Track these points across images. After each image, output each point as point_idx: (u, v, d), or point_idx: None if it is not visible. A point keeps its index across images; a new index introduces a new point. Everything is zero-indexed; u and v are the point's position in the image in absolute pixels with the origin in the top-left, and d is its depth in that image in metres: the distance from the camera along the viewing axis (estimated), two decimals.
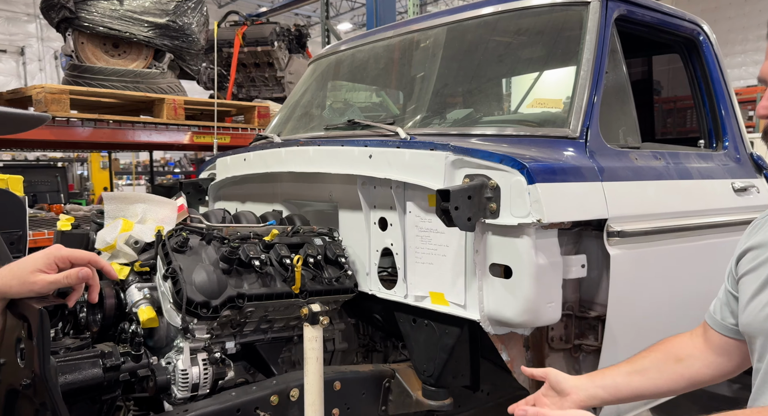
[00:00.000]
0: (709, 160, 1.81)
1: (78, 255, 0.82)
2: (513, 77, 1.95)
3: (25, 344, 0.77)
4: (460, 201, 1.32)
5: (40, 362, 0.71)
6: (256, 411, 1.34)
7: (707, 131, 1.90)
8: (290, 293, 1.54)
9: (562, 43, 1.66)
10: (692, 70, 1.90)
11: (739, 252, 0.97)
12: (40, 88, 2.37)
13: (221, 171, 2.31)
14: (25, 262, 0.77)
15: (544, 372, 1.08)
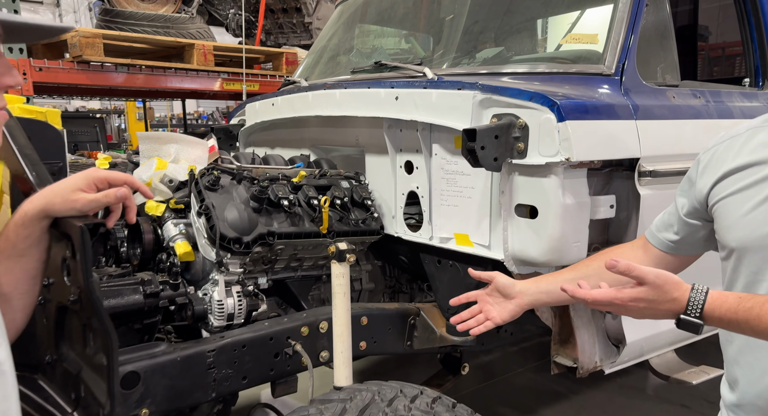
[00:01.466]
0: (754, 99, 1.71)
1: (115, 176, 0.86)
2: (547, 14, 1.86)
3: (69, 262, 0.84)
4: (486, 141, 1.31)
5: (84, 275, 0.77)
6: (288, 340, 1.42)
7: (754, 69, 1.79)
8: (318, 233, 1.58)
9: None
10: (742, 5, 1.76)
11: (714, 179, 1.00)
12: (74, 32, 2.41)
13: (251, 117, 2.34)
14: (66, 182, 0.82)
15: (490, 275, 1.19)
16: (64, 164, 1.08)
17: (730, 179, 0.97)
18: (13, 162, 0.88)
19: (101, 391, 0.82)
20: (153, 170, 1.45)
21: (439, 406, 1.14)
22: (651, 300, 0.88)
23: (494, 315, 1.18)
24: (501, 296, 1.19)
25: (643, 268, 0.88)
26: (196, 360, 1.24)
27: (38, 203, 0.80)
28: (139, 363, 1.16)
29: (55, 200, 0.80)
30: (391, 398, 1.14)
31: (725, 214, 0.98)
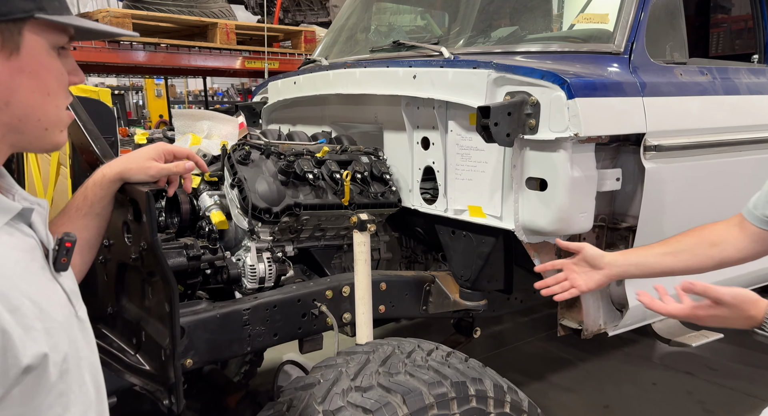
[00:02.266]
0: (761, 75, 1.75)
1: (180, 150, 0.99)
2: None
3: (131, 225, 0.96)
4: (499, 117, 1.39)
5: (150, 234, 0.89)
6: (314, 302, 1.55)
7: (763, 46, 1.82)
8: (340, 205, 1.69)
9: None
10: None
11: None
12: (105, 12, 2.51)
13: (273, 94, 2.43)
14: (140, 152, 0.95)
15: (579, 245, 1.18)
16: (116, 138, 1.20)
17: None
18: (79, 136, 1.00)
19: (162, 335, 0.95)
20: (188, 145, 1.57)
21: (453, 359, 1.27)
22: (727, 318, 0.90)
23: (580, 283, 1.19)
24: (588, 266, 1.19)
25: (720, 290, 0.89)
26: (234, 317, 1.38)
27: (116, 167, 0.92)
28: (183, 319, 1.29)
29: (131, 166, 0.92)
30: (410, 351, 1.27)
31: None
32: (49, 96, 0.67)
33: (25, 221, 0.65)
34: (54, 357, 0.61)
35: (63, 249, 0.68)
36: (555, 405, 2.58)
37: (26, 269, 0.62)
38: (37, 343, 0.59)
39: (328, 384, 1.14)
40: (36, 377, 0.59)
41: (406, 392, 1.10)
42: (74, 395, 0.65)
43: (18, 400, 0.57)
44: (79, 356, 0.67)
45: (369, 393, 1.11)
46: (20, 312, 0.58)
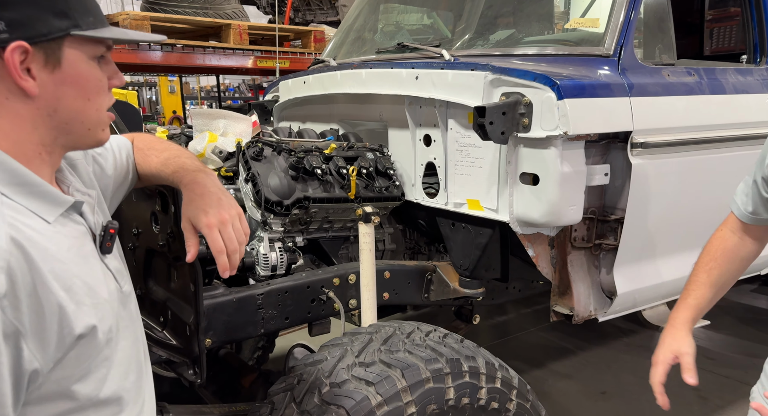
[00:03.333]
0: (748, 75, 1.83)
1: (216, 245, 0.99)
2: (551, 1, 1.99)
3: (158, 215, 1.07)
4: (494, 117, 1.49)
5: (176, 223, 1.00)
6: (322, 289, 1.66)
7: (752, 46, 1.89)
8: (347, 198, 1.81)
9: None
10: None
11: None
12: (125, 14, 2.65)
13: (284, 93, 2.55)
14: (199, 206, 0.99)
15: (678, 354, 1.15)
16: None
17: None
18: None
19: (187, 314, 1.07)
20: (206, 142, 1.69)
21: (449, 339, 1.38)
22: None
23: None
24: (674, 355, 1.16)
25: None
26: (248, 301, 1.50)
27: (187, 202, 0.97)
28: (204, 302, 1.41)
29: (191, 208, 0.95)
30: (410, 332, 1.38)
31: None
32: (89, 101, 0.76)
33: (77, 211, 0.77)
34: (101, 326, 0.73)
35: (107, 235, 0.80)
36: (554, 391, 2.69)
37: (78, 253, 0.74)
38: (87, 316, 0.70)
39: (335, 360, 1.26)
40: (86, 343, 0.71)
41: (405, 367, 1.22)
42: (117, 358, 0.77)
43: (73, 362, 0.70)
44: (121, 326, 0.79)
45: (371, 367, 1.22)
46: (73, 290, 0.69)
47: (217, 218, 0.94)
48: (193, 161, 1.01)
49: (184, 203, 0.96)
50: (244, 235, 0.98)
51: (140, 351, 0.85)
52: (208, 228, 0.93)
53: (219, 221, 0.94)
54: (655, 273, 1.73)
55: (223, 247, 0.94)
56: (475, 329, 3.49)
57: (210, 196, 0.96)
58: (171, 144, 1.02)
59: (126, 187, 0.98)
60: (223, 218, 0.94)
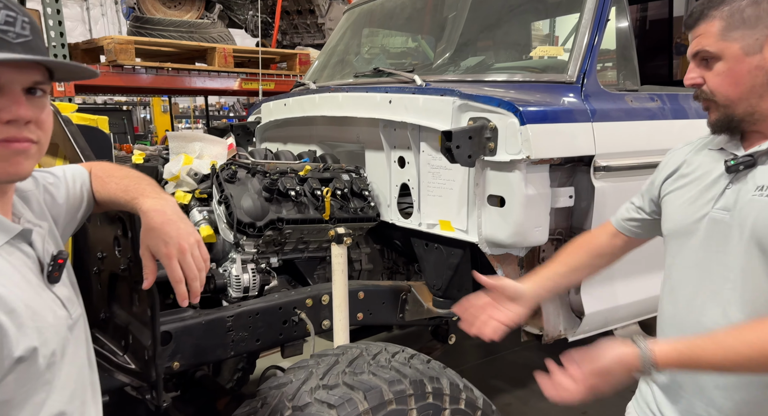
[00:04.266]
0: None
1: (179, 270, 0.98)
2: (527, 25, 2.06)
3: (120, 239, 1.09)
4: (461, 141, 1.54)
5: (134, 249, 1.02)
6: (294, 310, 1.68)
7: None
8: (321, 219, 1.83)
9: None
10: None
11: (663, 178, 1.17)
12: (110, 39, 2.70)
13: (266, 115, 2.59)
14: (158, 234, 0.96)
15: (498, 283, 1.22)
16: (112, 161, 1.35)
17: (672, 179, 1.14)
18: (75, 160, 1.14)
19: (146, 337, 1.08)
20: (181, 164, 1.72)
21: (415, 360, 1.39)
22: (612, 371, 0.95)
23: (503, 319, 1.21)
24: (507, 300, 1.22)
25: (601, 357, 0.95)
26: (218, 323, 1.51)
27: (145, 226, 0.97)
28: (171, 325, 1.42)
29: (149, 236, 0.96)
30: (376, 353, 1.39)
31: (665, 208, 1.14)
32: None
33: (25, 240, 0.79)
34: (43, 350, 0.74)
35: (56, 265, 0.82)
36: (535, 412, 2.68)
37: (23, 279, 0.76)
38: (29, 338, 0.72)
39: (299, 382, 1.27)
40: (27, 367, 0.72)
41: (368, 389, 1.23)
42: (60, 383, 0.78)
43: (11, 385, 0.71)
44: (67, 351, 0.81)
45: (334, 390, 1.24)
46: (16, 312, 0.71)
47: (176, 247, 0.95)
48: (153, 188, 1.03)
49: (143, 230, 0.97)
50: (204, 262, 0.99)
51: (86, 377, 0.87)
52: (167, 258, 0.95)
53: (178, 250, 0.95)
54: (624, 293, 1.75)
55: (182, 276, 0.95)
56: (460, 348, 3.50)
57: (169, 224, 0.96)
58: (131, 171, 1.05)
59: (80, 215, 1.00)
60: (182, 248, 0.95)
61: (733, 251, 0.99)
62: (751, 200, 0.96)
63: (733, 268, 0.98)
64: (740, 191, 0.99)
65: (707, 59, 1.00)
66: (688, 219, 1.07)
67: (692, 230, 1.06)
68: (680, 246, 1.08)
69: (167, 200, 1.01)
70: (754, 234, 0.95)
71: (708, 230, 1.03)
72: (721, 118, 1.02)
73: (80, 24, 16.21)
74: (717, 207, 1.02)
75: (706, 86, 1.02)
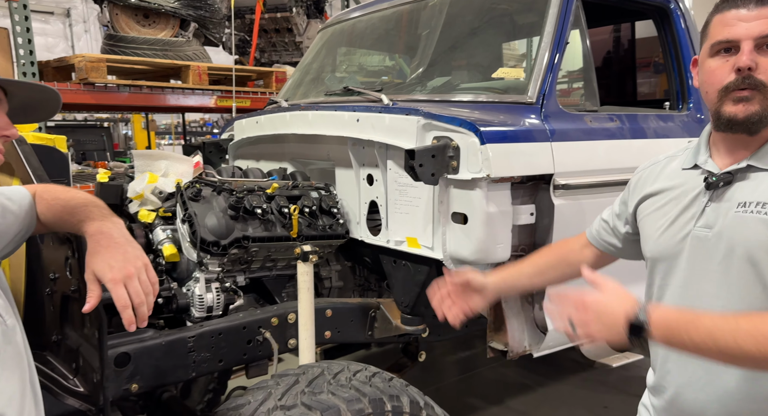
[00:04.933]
0: (669, 120, 1.95)
1: None
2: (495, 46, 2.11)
3: (71, 260, 1.08)
4: (424, 159, 1.56)
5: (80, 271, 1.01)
6: (259, 329, 1.66)
7: (674, 93, 2.02)
8: (288, 237, 1.83)
9: (530, 16, 1.81)
10: (663, 35, 2.00)
11: (638, 200, 1.17)
12: (81, 57, 2.69)
13: (238, 132, 2.60)
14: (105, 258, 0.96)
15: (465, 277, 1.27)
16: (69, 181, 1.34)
17: (649, 201, 1.13)
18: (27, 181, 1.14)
19: (95, 360, 1.07)
20: (145, 183, 1.71)
21: (376, 378, 1.39)
22: (606, 306, 0.92)
23: (465, 308, 1.28)
24: (472, 290, 1.28)
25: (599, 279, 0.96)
26: (179, 344, 1.49)
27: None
28: (129, 346, 1.40)
29: (94, 260, 0.94)
30: (337, 372, 1.38)
31: (644, 230, 1.13)
32: None
33: None
34: None
35: None
36: None
37: None
38: None
39: (257, 403, 1.26)
40: None
41: (325, 409, 1.22)
42: None
43: None
44: (6, 359, 0.79)
45: (291, 411, 1.22)
46: None
47: (123, 273, 0.94)
48: (101, 210, 1.02)
49: (89, 253, 0.96)
50: (151, 286, 0.98)
51: (27, 385, 0.85)
52: (113, 283, 0.93)
53: (124, 275, 0.94)
54: None
55: (128, 302, 0.94)
56: (437, 365, 3.48)
57: (116, 248, 0.96)
58: (79, 193, 1.04)
59: (19, 236, 0.98)
60: (128, 273, 0.94)
61: (720, 269, 0.98)
62: (735, 217, 0.96)
63: (721, 285, 0.97)
64: (721, 208, 0.98)
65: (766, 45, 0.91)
66: (671, 241, 1.06)
67: (677, 250, 1.04)
68: (669, 268, 1.06)
69: (115, 223, 1.01)
70: (745, 251, 0.94)
71: (692, 249, 1.02)
72: (760, 112, 0.93)
73: (63, 40, 16.13)
74: (699, 225, 1.01)
75: (760, 74, 0.92)
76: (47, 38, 15.50)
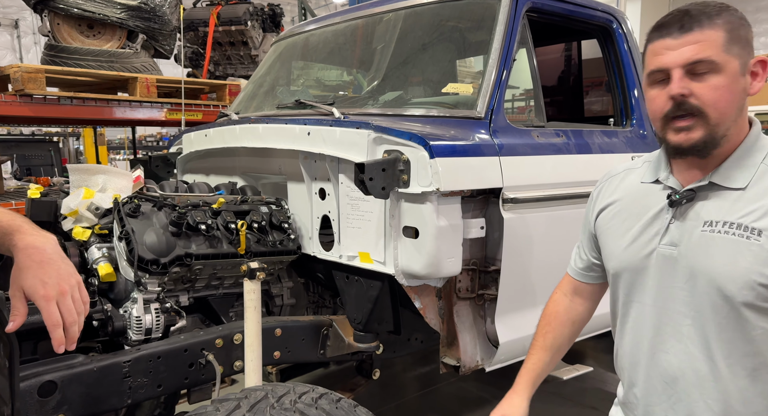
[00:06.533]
0: (614, 136, 2.01)
1: None
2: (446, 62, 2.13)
3: None
4: (374, 173, 1.54)
5: None
6: (202, 352, 1.58)
7: (618, 110, 2.10)
8: (235, 254, 1.76)
9: (479, 34, 1.84)
10: (607, 54, 2.08)
11: (597, 212, 1.15)
12: (17, 67, 2.55)
13: (187, 146, 2.51)
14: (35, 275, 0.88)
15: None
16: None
17: (606, 213, 1.12)
18: None
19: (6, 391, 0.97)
20: (80, 198, 1.61)
21: (323, 400, 1.33)
22: None
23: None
24: None
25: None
26: (112, 369, 1.40)
27: None
28: (56, 373, 1.30)
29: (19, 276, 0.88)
30: (281, 395, 1.32)
31: (606, 245, 1.12)
32: None
33: None
34: None
35: None
36: None
37: None
38: None
39: None
40: None
41: None
42: None
43: None
44: None
45: None
46: None
47: (56, 289, 0.88)
48: (31, 225, 0.96)
49: (18, 268, 0.89)
50: (84, 305, 0.93)
51: None
52: (45, 300, 0.87)
53: (58, 292, 0.88)
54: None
55: (60, 320, 0.88)
56: (396, 381, 3.43)
57: (49, 264, 0.90)
58: (4, 210, 0.97)
59: None
60: (62, 290, 0.89)
61: (687, 288, 0.96)
62: (702, 236, 0.94)
63: (689, 305, 0.96)
64: (686, 227, 0.97)
65: (699, 71, 0.90)
66: (635, 256, 1.04)
67: (642, 267, 1.03)
68: (633, 283, 1.05)
69: (47, 237, 0.94)
70: (711, 272, 0.92)
71: (658, 267, 1.00)
72: (705, 137, 0.92)
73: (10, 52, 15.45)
74: (664, 243, 0.99)
75: (695, 99, 0.91)
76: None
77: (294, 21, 6.52)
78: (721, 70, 0.90)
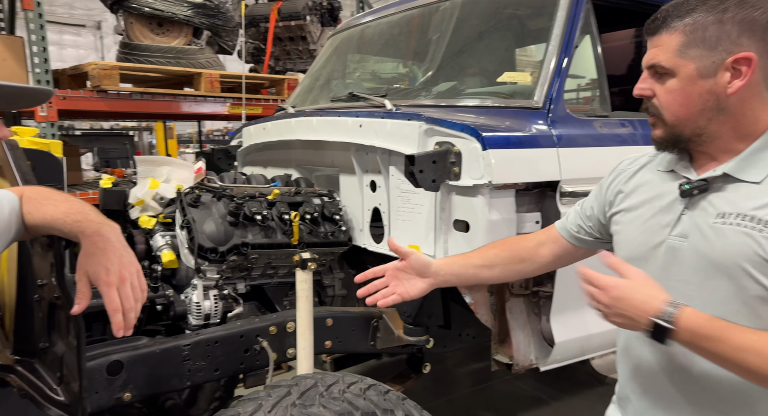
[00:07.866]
0: None
1: None
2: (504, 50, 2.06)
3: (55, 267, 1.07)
4: (424, 165, 1.51)
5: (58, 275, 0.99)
6: (257, 338, 1.63)
7: None
8: (289, 244, 1.80)
9: (539, 21, 1.76)
10: None
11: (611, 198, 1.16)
12: (94, 65, 2.74)
13: (246, 139, 2.60)
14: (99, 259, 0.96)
15: (407, 251, 1.23)
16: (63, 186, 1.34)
17: (623, 196, 1.12)
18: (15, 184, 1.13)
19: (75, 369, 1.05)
20: (146, 188, 1.71)
21: (371, 391, 1.34)
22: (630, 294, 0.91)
23: (402, 291, 1.24)
24: (415, 273, 1.24)
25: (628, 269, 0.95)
26: (173, 352, 1.47)
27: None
28: (123, 354, 1.38)
29: (87, 261, 0.94)
30: (331, 384, 1.34)
31: (617, 229, 1.12)
32: None
33: None
34: None
35: None
36: None
37: None
38: None
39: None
40: None
41: None
42: None
43: None
44: None
45: None
46: None
47: (117, 276, 0.94)
48: (97, 214, 1.02)
49: (84, 254, 0.95)
50: (141, 292, 0.98)
51: None
52: (106, 286, 0.94)
53: (119, 279, 0.94)
54: (596, 321, 1.69)
55: (119, 306, 0.94)
56: (449, 377, 3.40)
57: (113, 251, 0.95)
58: (70, 196, 1.04)
59: (6, 240, 0.98)
60: (122, 276, 0.94)
61: (696, 281, 0.96)
62: (713, 228, 0.93)
63: (696, 298, 0.95)
64: (698, 218, 0.96)
65: (660, 73, 0.97)
66: (644, 246, 1.04)
67: (649, 256, 1.03)
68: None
69: (112, 226, 1.00)
70: (722, 264, 0.91)
71: (666, 258, 1.00)
72: (666, 136, 1.00)
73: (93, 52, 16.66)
74: (674, 234, 0.99)
75: (655, 100, 0.99)
76: (79, 50, 15.99)
77: (353, 15, 6.57)
78: (675, 74, 0.94)
